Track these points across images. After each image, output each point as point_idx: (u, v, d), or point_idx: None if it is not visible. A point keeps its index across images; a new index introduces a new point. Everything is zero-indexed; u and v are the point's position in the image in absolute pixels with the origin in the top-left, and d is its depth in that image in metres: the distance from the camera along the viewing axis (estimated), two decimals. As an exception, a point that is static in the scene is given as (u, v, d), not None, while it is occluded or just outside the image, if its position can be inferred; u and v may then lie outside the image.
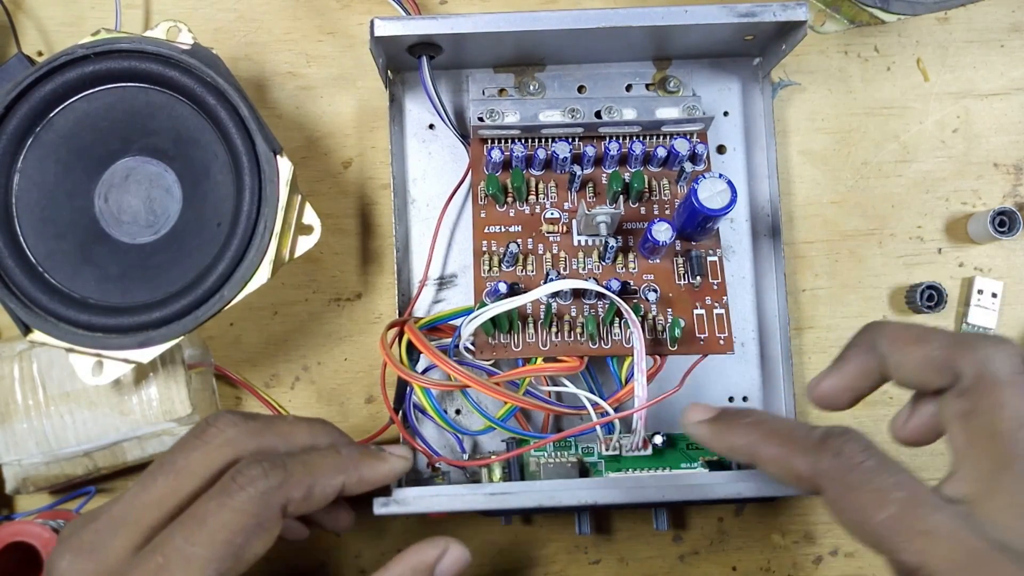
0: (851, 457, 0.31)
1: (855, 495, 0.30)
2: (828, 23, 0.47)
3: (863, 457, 0.31)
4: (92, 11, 0.50)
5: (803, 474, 0.32)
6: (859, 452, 0.31)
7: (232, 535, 0.32)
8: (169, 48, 0.41)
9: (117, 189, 0.42)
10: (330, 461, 0.37)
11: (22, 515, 0.46)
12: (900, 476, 0.30)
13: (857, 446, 0.31)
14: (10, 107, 0.41)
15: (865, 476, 0.30)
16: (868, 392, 0.35)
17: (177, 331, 0.40)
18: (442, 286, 0.48)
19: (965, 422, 0.31)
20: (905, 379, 0.33)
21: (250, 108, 0.41)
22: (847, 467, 0.31)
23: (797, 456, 0.32)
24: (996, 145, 0.51)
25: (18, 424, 0.43)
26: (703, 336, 0.44)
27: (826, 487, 0.31)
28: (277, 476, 0.34)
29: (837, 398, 0.35)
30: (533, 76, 0.48)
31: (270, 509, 0.33)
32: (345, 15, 0.50)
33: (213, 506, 0.33)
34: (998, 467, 0.30)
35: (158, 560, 0.32)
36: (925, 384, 0.33)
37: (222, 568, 0.32)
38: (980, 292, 0.49)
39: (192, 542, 0.32)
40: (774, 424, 0.34)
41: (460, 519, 0.48)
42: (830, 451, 0.31)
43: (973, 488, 0.30)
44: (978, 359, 0.31)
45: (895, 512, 0.29)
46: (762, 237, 0.48)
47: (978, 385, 0.31)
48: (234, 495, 0.33)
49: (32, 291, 0.40)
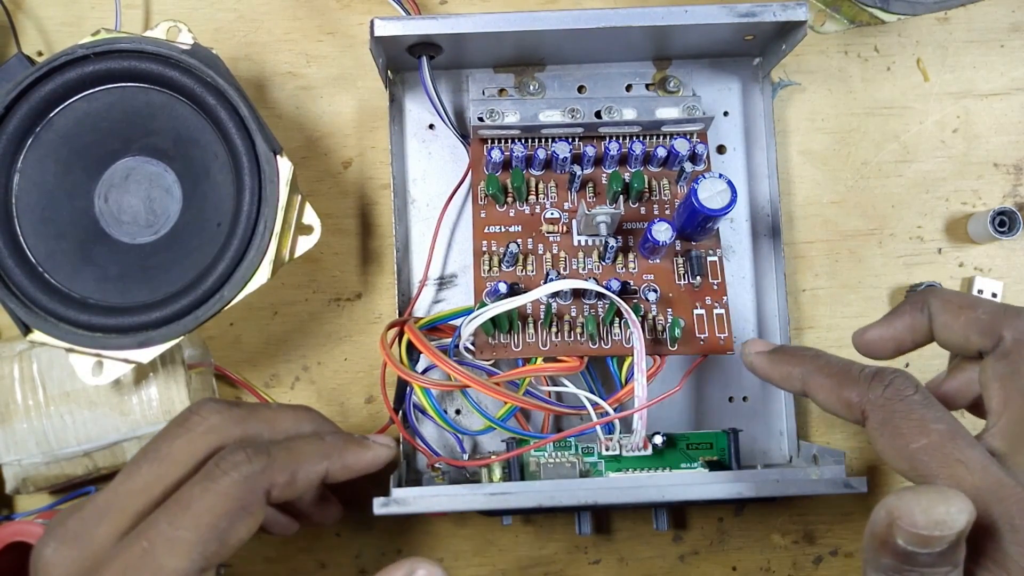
0: (901, 389, 0.33)
1: (899, 421, 0.33)
2: (828, 23, 0.47)
3: (911, 391, 0.33)
4: (92, 11, 0.50)
5: (852, 401, 0.35)
6: (908, 386, 0.34)
7: (217, 519, 0.32)
8: (169, 48, 0.41)
9: (117, 189, 0.42)
10: (314, 447, 0.37)
11: (22, 515, 0.46)
12: (942, 412, 0.33)
13: (907, 382, 0.34)
14: (10, 107, 0.41)
15: (911, 407, 0.33)
16: (910, 348, 0.38)
17: (177, 331, 0.40)
18: (442, 286, 0.48)
19: (1003, 382, 0.34)
20: (949, 339, 0.36)
21: (250, 108, 0.41)
22: (895, 397, 0.33)
23: (848, 386, 0.35)
24: (996, 145, 0.51)
25: (18, 424, 0.43)
26: (703, 336, 0.44)
27: (872, 413, 0.34)
28: (260, 461, 0.34)
29: (881, 347, 0.38)
30: (533, 76, 0.48)
31: (254, 493, 0.34)
32: (345, 15, 0.50)
33: (197, 491, 0.33)
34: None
35: (143, 544, 0.32)
36: (968, 346, 0.35)
37: (207, 552, 0.32)
38: (980, 292, 0.49)
39: (177, 526, 0.32)
40: (829, 358, 0.38)
41: (460, 519, 0.48)
42: (882, 382, 0.34)
43: (1005, 443, 0.33)
44: (1019, 325, 0.34)
45: (935, 440, 0.32)
46: (762, 237, 0.48)
47: (1019, 348, 0.33)
48: (218, 480, 0.33)
49: (32, 291, 0.40)
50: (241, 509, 0.33)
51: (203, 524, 0.32)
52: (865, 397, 0.34)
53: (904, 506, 0.28)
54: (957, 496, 0.28)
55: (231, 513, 0.33)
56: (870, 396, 0.34)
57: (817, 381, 0.37)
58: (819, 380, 0.37)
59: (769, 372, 0.40)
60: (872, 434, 0.34)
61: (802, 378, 0.38)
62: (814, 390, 0.37)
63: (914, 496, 0.28)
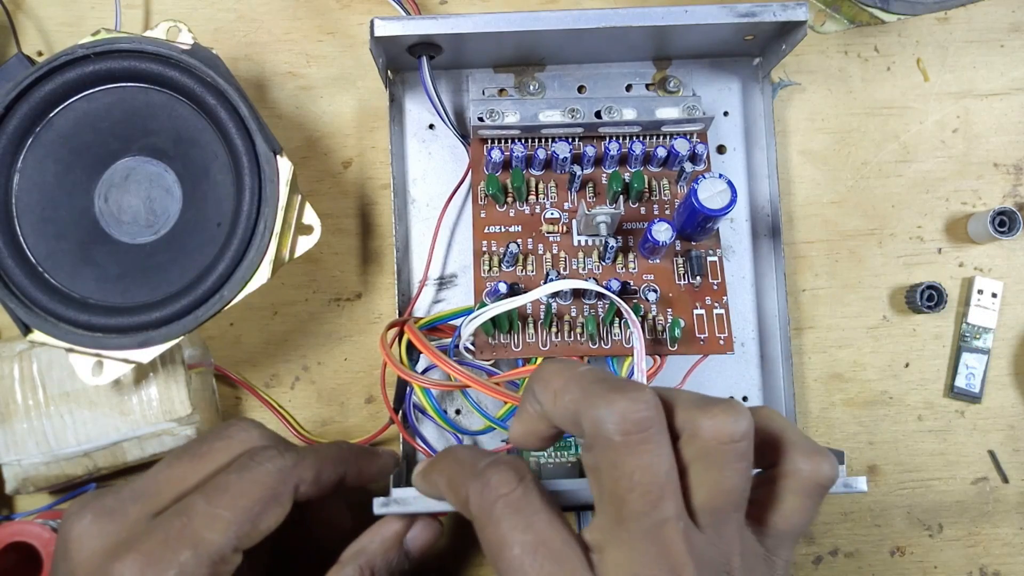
0: (497, 488, 0.31)
1: (493, 528, 0.31)
2: (828, 23, 0.47)
3: (508, 489, 0.31)
4: (92, 11, 0.50)
5: (463, 499, 0.32)
6: (505, 484, 0.31)
7: (252, 503, 0.34)
8: (169, 48, 0.41)
9: (117, 189, 0.42)
10: (334, 452, 0.39)
11: (22, 515, 0.46)
12: (535, 517, 0.30)
13: (507, 478, 0.31)
14: (10, 107, 0.41)
15: (504, 511, 0.30)
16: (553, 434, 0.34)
17: (177, 331, 0.40)
18: (442, 286, 0.48)
19: (594, 475, 0.31)
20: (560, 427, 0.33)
21: (250, 108, 0.41)
22: (492, 498, 0.31)
23: (460, 483, 0.32)
24: (996, 145, 0.51)
25: (18, 424, 0.43)
26: (703, 336, 0.44)
27: (474, 514, 0.31)
28: (291, 457, 0.36)
29: (526, 442, 0.34)
30: (533, 76, 0.48)
31: (285, 485, 0.35)
32: (345, 15, 0.50)
33: (234, 477, 0.35)
34: (616, 523, 0.30)
35: (182, 519, 0.33)
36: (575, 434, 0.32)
37: (241, 532, 0.34)
38: (980, 292, 0.49)
39: (215, 504, 0.34)
40: (456, 453, 0.35)
41: (460, 519, 0.48)
42: (482, 479, 0.31)
43: (600, 537, 0.31)
44: (593, 418, 0.30)
45: (516, 554, 0.30)
46: (762, 237, 0.48)
47: (595, 444, 0.30)
48: (253, 469, 0.35)
49: (32, 291, 0.40)
50: (273, 498, 0.35)
51: (239, 506, 0.34)
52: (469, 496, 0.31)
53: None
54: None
55: (265, 499, 0.34)
56: (471, 496, 0.31)
57: (442, 481, 0.34)
58: (442, 480, 0.34)
59: (424, 488, 0.37)
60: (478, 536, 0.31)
61: (438, 484, 0.35)
62: (443, 492, 0.34)
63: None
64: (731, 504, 0.31)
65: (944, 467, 0.49)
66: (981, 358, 0.49)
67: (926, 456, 0.49)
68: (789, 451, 0.33)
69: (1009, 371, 0.50)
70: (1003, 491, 0.49)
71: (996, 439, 0.49)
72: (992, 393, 0.49)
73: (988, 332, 0.49)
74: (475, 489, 0.31)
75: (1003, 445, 0.49)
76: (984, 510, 0.49)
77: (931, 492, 0.49)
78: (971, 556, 0.49)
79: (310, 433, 0.47)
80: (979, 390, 0.49)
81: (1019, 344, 0.50)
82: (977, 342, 0.49)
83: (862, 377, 0.49)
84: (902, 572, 0.49)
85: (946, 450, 0.49)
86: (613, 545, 0.30)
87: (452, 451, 0.36)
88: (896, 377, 0.49)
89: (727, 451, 0.30)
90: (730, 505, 0.31)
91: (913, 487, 0.49)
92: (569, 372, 0.32)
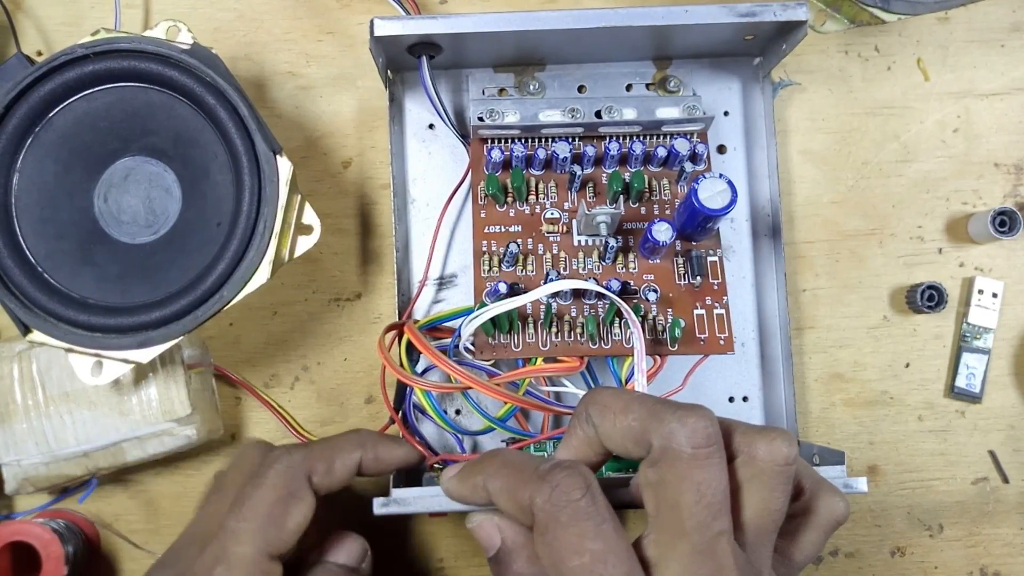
0: (567, 493, 0.31)
1: (560, 532, 0.31)
2: (828, 23, 0.47)
3: (579, 495, 0.31)
4: (92, 11, 0.50)
5: (523, 503, 0.32)
6: (576, 489, 0.31)
7: (269, 507, 0.36)
8: (168, 48, 0.41)
9: (117, 189, 0.42)
10: (349, 438, 0.40)
11: (22, 515, 0.46)
12: (606, 524, 0.31)
13: (576, 483, 0.31)
14: (10, 107, 0.41)
15: (573, 516, 0.31)
16: (601, 459, 0.35)
17: (177, 331, 0.40)
18: (442, 286, 0.48)
19: (655, 491, 0.32)
20: (616, 449, 0.34)
21: (250, 108, 0.41)
22: (561, 503, 0.31)
23: (522, 485, 0.32)
24: (996, 145, 0.51)
25: (18, 424, 0.43)
26: (703, 336, 0.44)
27: (537, 518, 0.31)
28: (300, 452, 0.38)
29: None
30: (533, 76, 0.48)
31: (298, 479, 0.37)
32: (345, 15, 0.50)
33: (249, 488, 0.36)
34: (676, 537, 0.31)
35: (219, 546, 0.35)
36: (630, 454, 0.33)
37: (268, 537, 0.35)
38: (980, 292, 0.49)
39: (239, 519, 0.36)
40: (508, 456, 0.35)
41: (460, 519, 0.48)
42: (550, 484, 0.31)
43: (657, 552, 0.31)
44: (663, 433, 0.31)
45: (586, 562, 0.30)
46: (762, 237, 0.48)
47: (664, 458, 0.31)
48: (264, 474, 0.37)
49: (32, 291, 0.40)
50: (289, 495, 0.36)
51: (259, 514, 0.36)
52: (532, 499, 0.31)
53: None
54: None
55: (282, 499, 0.36)
56: (537, 499, 0.31)
57: (495, 484, 0.34)
58: (496, 483, 0.34)
59: (460, 492, 0.36)
60: (536, 541, 0.32)
61: (484, 486, 0.34)
62: (495, 495, 0.34)
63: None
64: (773, 524, 0.33)
65: (944, 467, 0.49)
66: (981, 358, 0.49)
67: (926, 456, 0.49)
68: (815, 489, 0.35)
69: (1009, 371, 0.50)
70: (1003, 491, 0.49)
71: (996, 439, 0.49)
72: (992, 393, 0.49)
73: (988, 332, 0.49)
74: (542, 492, 0.31)
75: (1003, 445, 0.49)
76: (984, 510, 0.49)
77: (931, 492, 0.49)
78: (971, 556, 0.49)
79: (310, 433, 0.47)
80: (979, 390, 0.49)
81: (1020, 344, 0.50)
82: (977, 342, 0.49)
83: (862, 377, 0.49)
84: (902, 572, 0.49)
85: (946, 450, 0.49)
86: (671, 559, 0.31)
87: (500, 454, 0.35)
88: (896, 377, 0.49)
89: (779, 473, 0.32)
90: (772, 524, 0.33)
91: (913, 487, 0.49)
92: (629, 394, 0.34)
